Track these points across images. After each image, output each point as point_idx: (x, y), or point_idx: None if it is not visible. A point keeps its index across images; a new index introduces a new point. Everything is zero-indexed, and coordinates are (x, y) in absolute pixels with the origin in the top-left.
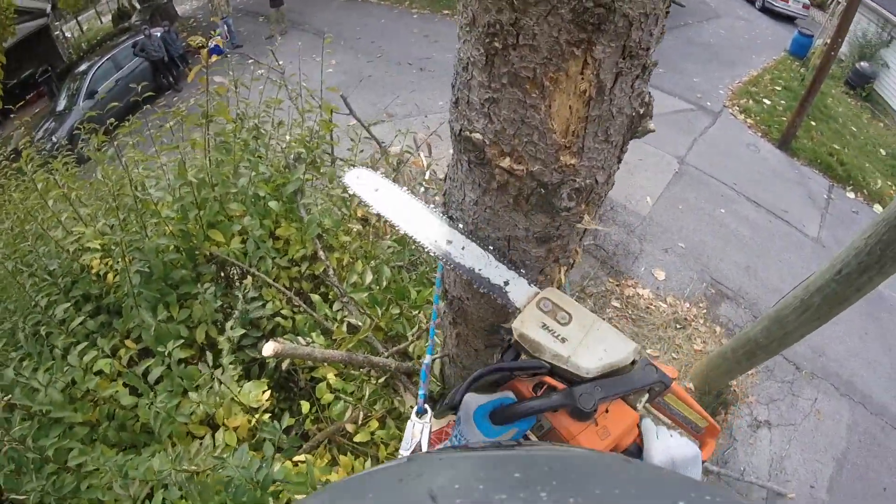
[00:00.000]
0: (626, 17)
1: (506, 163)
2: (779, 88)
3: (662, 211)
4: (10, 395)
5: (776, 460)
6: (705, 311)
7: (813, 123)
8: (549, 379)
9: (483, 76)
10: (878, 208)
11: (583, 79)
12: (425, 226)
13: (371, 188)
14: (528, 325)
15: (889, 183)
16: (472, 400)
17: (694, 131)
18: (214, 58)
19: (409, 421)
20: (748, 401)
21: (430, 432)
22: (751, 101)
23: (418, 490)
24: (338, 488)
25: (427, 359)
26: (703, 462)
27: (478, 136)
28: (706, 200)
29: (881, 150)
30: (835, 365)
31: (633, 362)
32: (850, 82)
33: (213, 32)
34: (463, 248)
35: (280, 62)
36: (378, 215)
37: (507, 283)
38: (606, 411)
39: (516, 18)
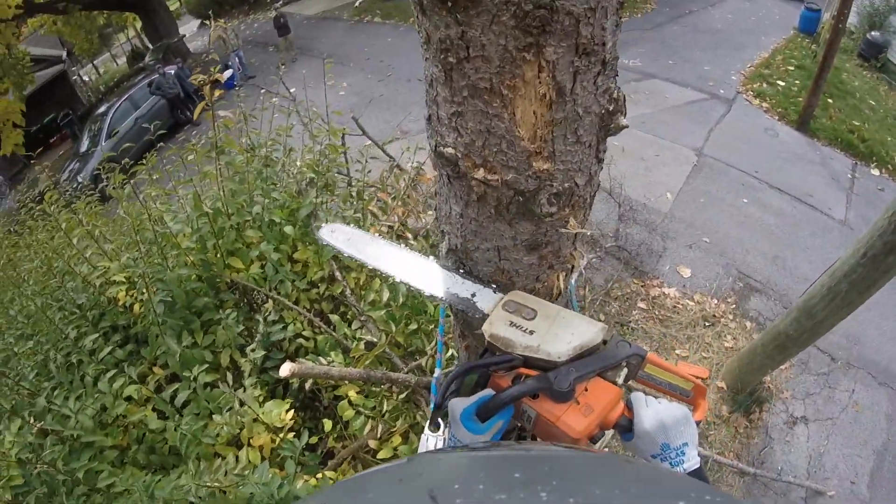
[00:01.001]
0: (570, 14)
1: (480, 174)
2: (792, 68)
3: (684, 206)
4: (42, 422)
5: (814, 457)
6: (734, 306)
7: (830, 101)
8: (524, 370)
9: (446, 91)
10: None
11: (540, 82)
12: (396, 260)
13: (344, 238)
14: (496, 326)
15: None
16: (458, 404)
17: (709, 121)
18: (219, 92)
19: (422, 435)
20: (783, 396)
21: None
22: (764, 85)
23: (418, 490)
24: (338, 489)
25: (437, 373)
26: (698, 422)
27: (450, 150)
28: (728, 191)
29: None
30: (871, 352)
31: (605, 342)
32: (863, 54)
33: (212, 70)
34: (431, 272)
35: (292, 89)
36: (391, 231)
37: (474, 295)
38: (586, 390)
39: (463, 32)
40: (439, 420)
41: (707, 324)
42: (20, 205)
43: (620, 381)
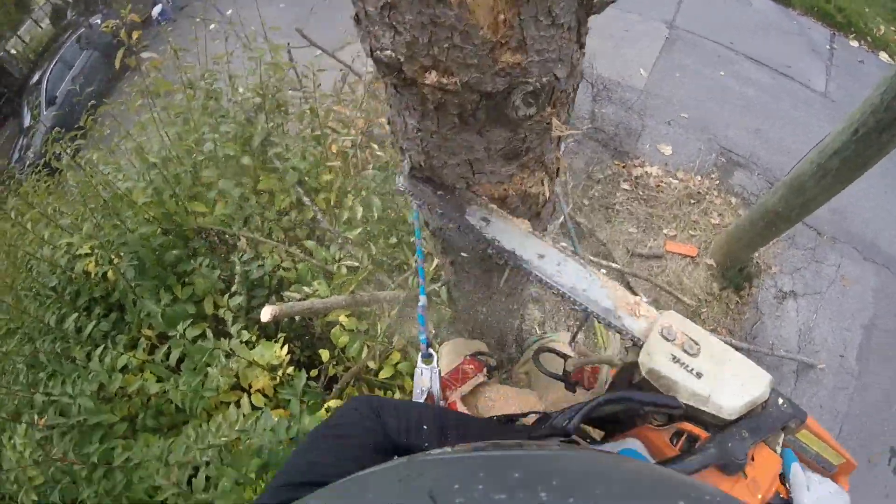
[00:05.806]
0: None
1: (432, 78)
2: None
3: (659, 82)
4: (45, 417)
5: (804, 331)
6: (718, 182)
7: None
8: (687, 425)
9: None
10: (883, 56)
11: None
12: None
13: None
14: (656, 359)
15: (893, 28)
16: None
17: None
18: (137, 33)
19: (416, 369)
20: (772, 272)
21: (440, 377)
22: None
23: (418, 490)
24: (338, 488)
25: (422, 300)
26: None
27: (389, 53)
28: (704, 64)
29: None
30: (857, 227)
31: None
32: None
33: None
34: (559, 265)
35: (228, 11)
36: (354, 146)
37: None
38: (752, 459)
39: None
40: (431, 351)
41: (692, 201)
42: None
43: (779, 449)
